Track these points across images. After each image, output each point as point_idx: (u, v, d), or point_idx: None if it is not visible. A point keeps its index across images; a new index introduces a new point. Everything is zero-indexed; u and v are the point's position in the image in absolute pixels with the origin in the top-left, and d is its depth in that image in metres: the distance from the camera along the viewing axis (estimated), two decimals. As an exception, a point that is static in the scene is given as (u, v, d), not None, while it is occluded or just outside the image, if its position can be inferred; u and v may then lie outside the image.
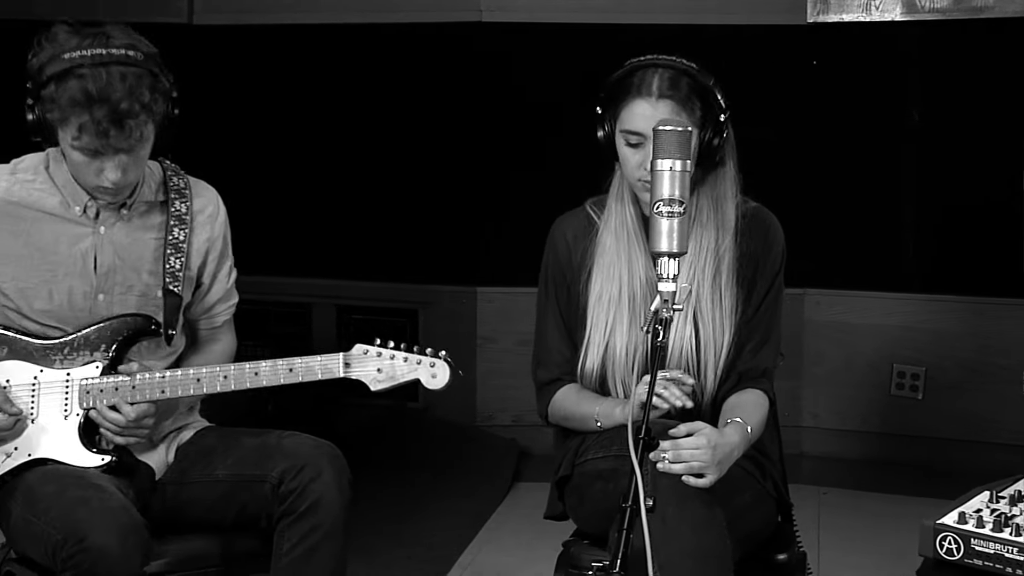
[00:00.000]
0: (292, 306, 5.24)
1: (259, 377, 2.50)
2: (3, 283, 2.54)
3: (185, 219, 2.59)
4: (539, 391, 2.67)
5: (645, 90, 2.46)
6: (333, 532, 2.45)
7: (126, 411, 2.48)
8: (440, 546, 4.01)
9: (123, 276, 2.57)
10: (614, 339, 2.54)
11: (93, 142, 2.37)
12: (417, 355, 2.50)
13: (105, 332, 2.54)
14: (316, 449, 2.52)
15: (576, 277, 2.61)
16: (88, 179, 2.46)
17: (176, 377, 2.51)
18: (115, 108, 2.34)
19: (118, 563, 2.27)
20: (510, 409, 5.01)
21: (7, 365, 2.54)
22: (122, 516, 2.34)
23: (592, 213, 2.64)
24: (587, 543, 2.55)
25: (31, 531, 2.39)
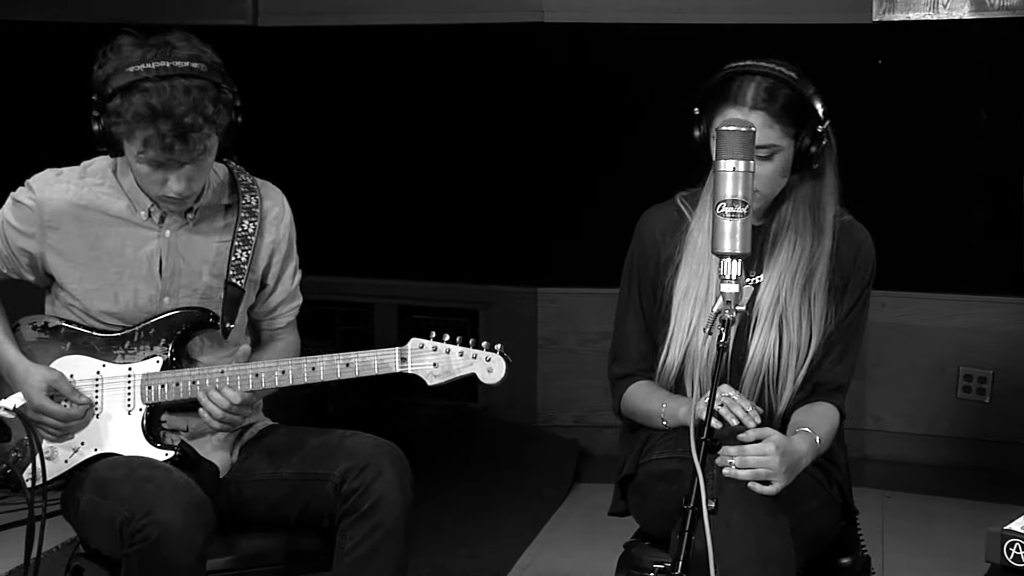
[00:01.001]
0: (355, 306, 5.27)
1: (316, 372, 2.51)
2: (70, 284, 2.57)
3: (256, 212, 2.62)
4: (613, 386, 2.66)
5: (740, 99, 2.44)
6: (394, 532, 2.46)
7: (231, 395, 2.50)
8: (501, 547, 4.02)
9: (187, 279, 2.59)
10: (696, 338, 2.52)
11: (158, 156, 2.40)
12: (473, 349, 2.49)
13: (163, 326, 2.57)
14: (378, 449, 2.53)
15: (662, 272, 2.59)
16: (153, 189, 2.49)
17: (235, 372, 2.53)
18: (179, 123, 2.37)
19: (181, 537, 2.29)
20: (572, 410, 5.00)
21: (71, 360, 2.58)
22: (187, 492, 2.37)
23: (682, 206, 2.61)
24: (648, 544, 2.54)
25: (99, 514, 2.42)
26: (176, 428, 2.61)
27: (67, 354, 2.59)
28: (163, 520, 2.29)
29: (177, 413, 2.61)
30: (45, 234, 2.55)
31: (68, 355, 2.58)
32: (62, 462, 2.54)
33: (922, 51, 4.70)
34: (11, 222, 2.57)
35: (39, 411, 2.50)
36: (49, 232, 2.55)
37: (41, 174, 2.59)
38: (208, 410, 2.51)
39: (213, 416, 2.51)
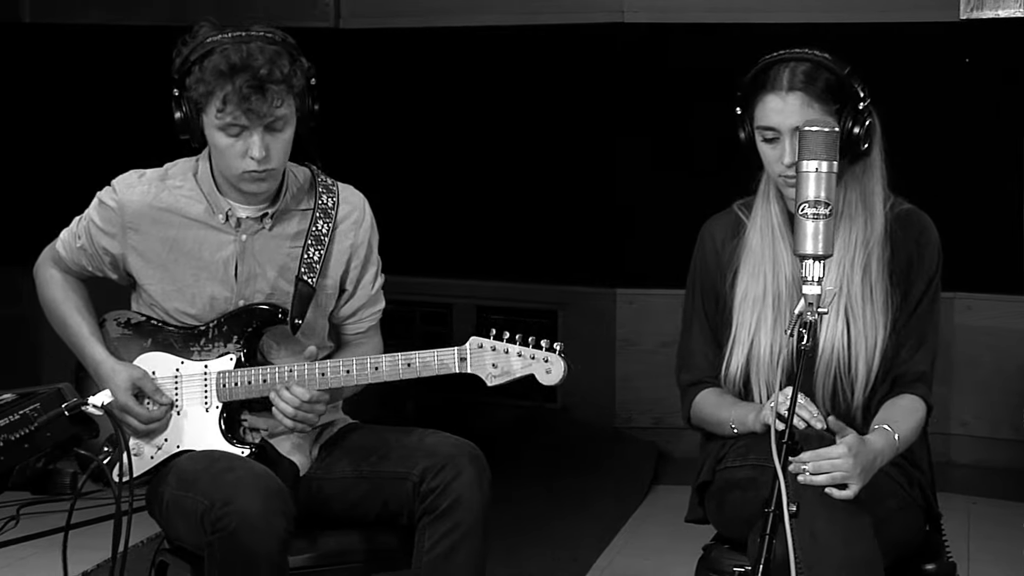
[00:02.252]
0: (434, 306, 5.30)
1: (379, 371, 2.53)
2: (149, 285, 2.61)
3: (331, 213, 2.63)
4: (682, 394, 2.65)
5: (776, 84, 2.43)
6: (473, 531, 2.46)
7: (299, 392, 2.52)
8: (579, 548, 4.01)
9: (262, 283, 2.61)
10: (759, 339, 2.51)
11: (236, 111, 2.43)
12: (532, 349, 2.49)
13: (235, 323, 2.60)
14: (457, 448, 2.54)
15: (723, 278, 2.59)
16: (234, 164, 2.50)
17: (302, 371, 2.55)
18: (256, 74, 2.41)
19: (261, 525, 2.31)
20: (650, 411, 4.98)
21: (152, 356, 2.62)
22: (266, 480, 2.40)
23: (740, 214, 2.61)
24: (728, 547, 2.52)
25: (182, 507, 2.45)
26: (256, 427, 2.64)
27: (148, 350, 2.63)
28: (242, 508, 2.32)
29: (257, 412, 2.63)
30: (126, 235, 2.59)
31: (149, 351, 2.62)
32: (148, 459, 2.59)
33: (1011, 49, 4.61)
34: (95, 221, 2.62)
35: (123, 410, 2.55)
36: (130, 233, 2.59)
37: (124, 175, 2.63)
38: (280, 408, 2.54)
39: (285, 414, 2.54)
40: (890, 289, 2.50)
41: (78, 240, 2.65)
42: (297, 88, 2.48)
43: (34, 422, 2.12)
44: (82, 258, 2.65)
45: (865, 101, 2.44)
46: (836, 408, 2.47)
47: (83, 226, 2.64)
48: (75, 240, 2.65)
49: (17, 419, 2.10)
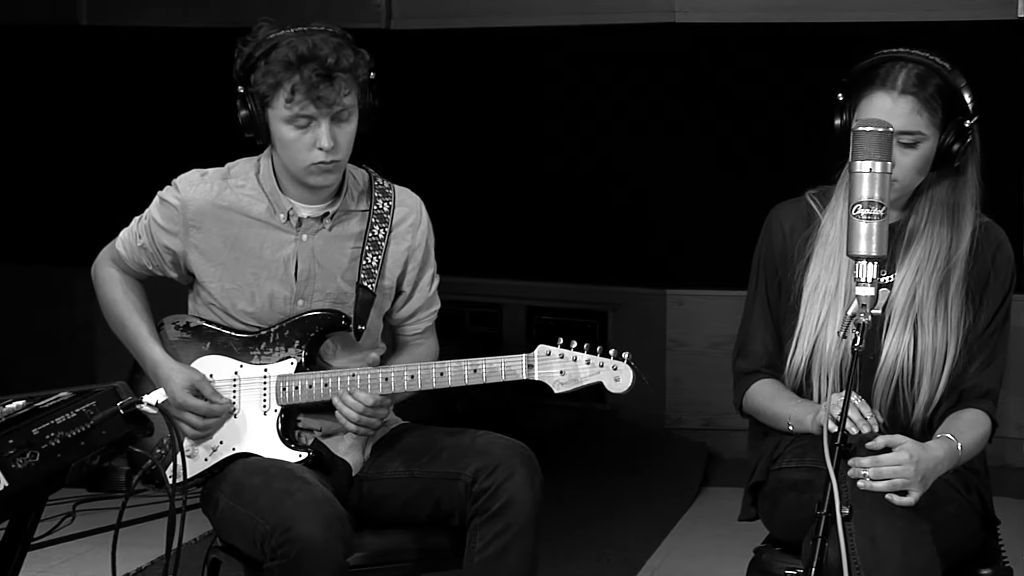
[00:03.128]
0: (484, 306, 5.31)
1: (444, 377, 2.53)
2: (210, 283, 2.63)
3: (387, 218, 2.64)
4: (736, 381, 2.63)
5: (889, 83, 2.38)
6: (525, 532, 2.46)
7: (363, 397, 2.54)
8: (628, 549, 4.00)
9: (321, 283, 2.63)
10: (825, 333, 2.47)
11: (304, 100, 2.45)
12: (600, 358, 2.48)
13: (297, 328, 2.61)
14: (509, 449, 2.54)
15: (791, 267, 2.55)
16: (301, 157, 2.51)
17: (365, 375, 2.55)
18: (324, 62, 2.44)
19: (322, 553, 2.32)
20: (700, 412, 4.97)
21: (211, 360, 2.64)
22: (326, 508, 2.40)
23: (812, 203, 2.57)
24: (780, 550, 2.50)
25: (238, 521, 2.47)
26: (310, 428, 2.65)
27: (207, 354, 2.64)
28: (303, 536, 2.32)
29: (311, 414, 2.65)
30: (188, 233, 2.61)
31: (208, 355, 2.64)
32: (202, 460, 2.60)
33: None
34: (157, 219, 2.64)
35: (181, 407, 2.56)
36: (191, 231, 2.61)
37: (187, 174, 2.66)
38: (343, 413, 2.55)
39: (349, 419, 2.55)
40: (965, 307, 2.46)
41: (139, 239, 2.67)
42: (361, 78, 2.51)
43: (90, 420, 2.14)
44: (142, 257, 2.68)
45: (972, 119, 2.39)
46: (894, 420, 2.44)
47: (144, 225, 2.67)
48: (136, 239, 2.68)
49: (74, 417, 2.12)
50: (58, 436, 2.05)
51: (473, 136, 5.24)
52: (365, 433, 2.61)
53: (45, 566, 3.80)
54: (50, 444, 2.03)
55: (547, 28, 5.05)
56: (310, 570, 2.32)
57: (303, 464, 2.56)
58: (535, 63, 5.12)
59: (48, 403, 2.12)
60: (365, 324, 2.62)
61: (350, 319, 2.61)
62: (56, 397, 2.15)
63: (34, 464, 1.97)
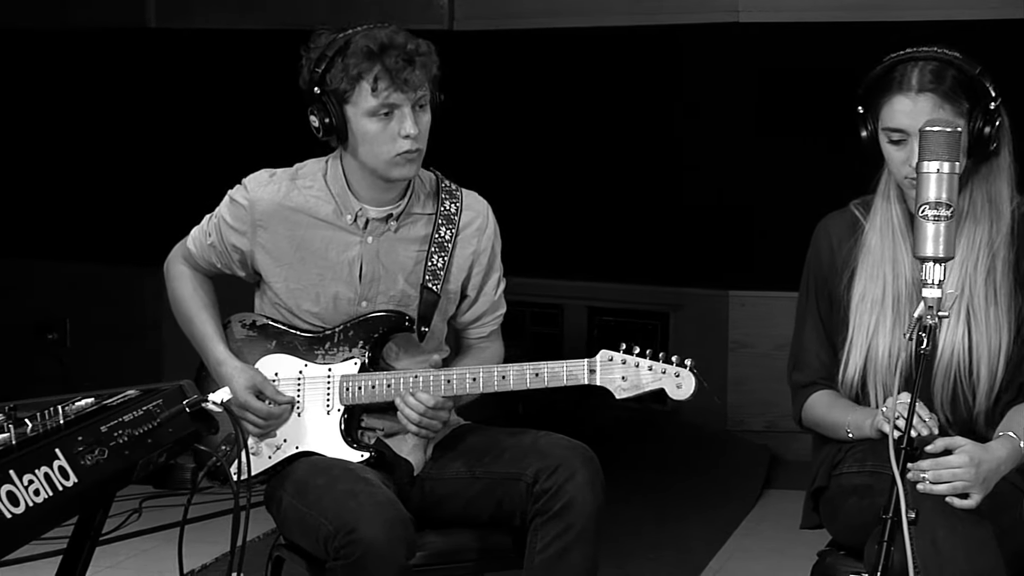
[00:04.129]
0: (545, 307, 5.31)
1: (506, 381, 2.53)
2: (276, 283, 2.66)
3: (454, 220, 2.65)
4: (794, 394, 2.61)
5: (905, 85, 2.37)
6: (585, 533, 2.46)
7: (424, 399, 2.55)
8: (690, 551, 3.99)
9: (385, 285, 2.64)
10: (876, 341, 2.46)
11: (388, 87, 2.47)
12: (663, 364, 2.47)
13: (361, 328, 2.62)
14: (570, 450, 2.53)
15: (839, 278, 2.54)
16: (385, 149, 2.52)
17: (427, 378, 2.56)
18: (404, 48, 2.47)
19: (385, 555, 2.33)
20: (763, 414, 4.94)
21: (276, 359, 2.66)
22: (389, 510, 2.40)
23: (857, 213, 2.56)
24: (844, 554, 2.48)
25: (302, 520, 2.48)
26: (373, 427, 2.67)
27: (272, 352, 2.67)
28: (366, 538, 2.33)
29: (374, 413, 2.66)
30: (255, 232, 2.64)
31: (273, 353, 2.67)
32: (266, 458, 2.63)
33: None
34: (226, 218, 2.67)
35: (244, 407, 2.59)
36: (259, 231, 2.64)
37: (256, 174, 2.68)
38: (405, 414, 2.56)
39: (411, 420, 2.56)
40: (1016, 293, 2.43)
41: (208, 237, 2.70)
42: (432, 70, 2.53)
43: (157, 418, 2.16)
44: (212, 255, 2.71)
45: (996, 100, 2.37)
46: (956, 414, 2.41)
47: (214, 223, 2.69)
48: (206, 237, 2.70)
49: (141, 415, 2.14)
50: (126, 434, 2.07)
51: (535, 136, 5.25)
52: (426, 435, 2.62)
53: (112, 561, 3.85)
54: (118, 441, 2.05)
55: (610, 28, 5.04)
56: (372, 572, 2.33)
57: (365, 464, 2.58)
58: (597, 63, 5.11)
59: (116, 401, 2.15)
60: (428, 326, 2.63)
61: (413, 320, 2.62)
62: (124, 395, 2.18)
63: (102, 461, 1.99)
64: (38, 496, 1.82)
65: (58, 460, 1.90)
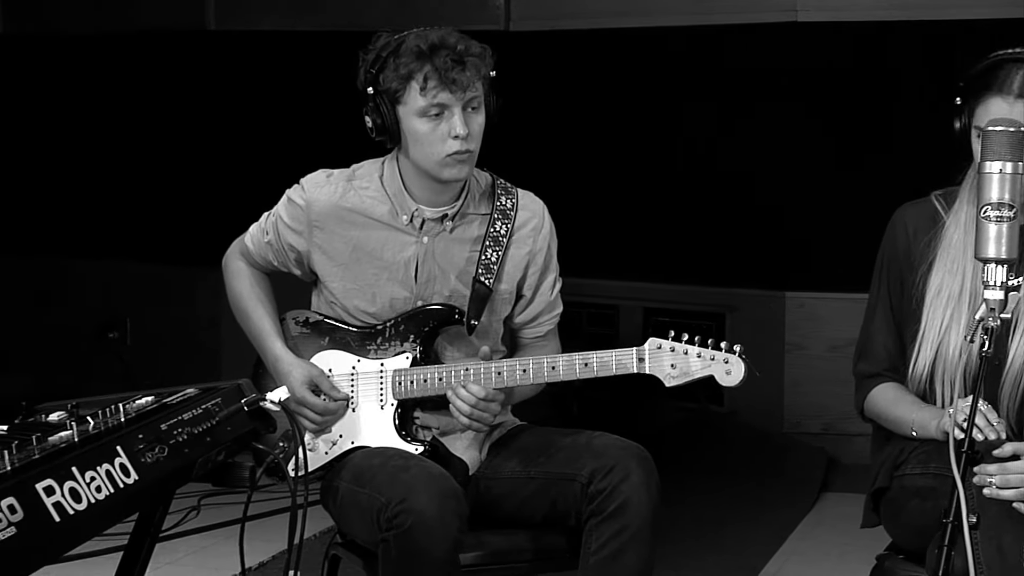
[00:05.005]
0: (601, 308, 5.30)
1: (556, 371, 2.53)
2: (332, 282, 2.67)
3: (509, 214, 2.66)
4: (858, 384, 2.59)
5: (1005, 88, 2.33)
6: (641, 534, 2.45)
7: (475, 390, 2.55)
8: (746, 554, 3.96)
9: (440, 285, 2.65)
10: (948, 337, 2.43)
11: (438, 87, 2.48)
12: (711, 351, 2.46)
13: (412, 322, 2.64)
14: (625, 451, 2.53)
15: (913, 269, 2.51)
16: (435, 150, 2.53)
17: (479, 370, 2.57)
18: (454, 48, 2.48)
19: (435, 525, 2.34)
20: (820, 417, 4.90)
21: (329, 355, 2.68)
22: (441, 482, 2.42)
23: (938, 205, 2.52)
24: (903, 558, 2.45)
25: (357, 502, 2.50)
26: (428, 425, 2.67)
27: (325, 348, 2.68)
28: (417, 508, 2.34)
29: (429, 410, 2.67)
30: (312, 233, 2.66)
31: (326, 350, 2.68)
32: (322, 454, 2.65)
33: None
34: (283, 218, 2.69)
35: (300, 403, 2.61)
36: (315, 231, 2.66)
37: (313, 175, 2.70)
38: (457, 407, 2.56)
39: (461, 412, 2.56)
40: None
41: (266, 235, 2.72)
42: (485, 71, 2.53)
43: (215, 416, 2.18)
44: (268, 253, 2.73)
45: None
46: (1023, 424, 2.37)
47: (271, 222, 2.72)
48: (263, 235, 2.73)
49: (200, 413, 2.16)
50: (185, 432, 2.09)
51: (591, 137, 5.24)
52: (478, 428, 2.62)
53: (171, 558, 3.89)
54: (177, 439, 2.07)
55: (667, 28, 5.02)
56: (423, 542, 2.33)
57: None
58: (654, 63, 5.09)
59: (176, 399, 2.17)
60: (479, 319, 2.63)
61: (463, 313, 2.62)
62: (183, 394, 2.20)
63: (162, 459, 2.01)
64: (100, 493, 1.84)
65: (119, 457, 1.92)
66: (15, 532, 1.66)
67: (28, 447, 1.87)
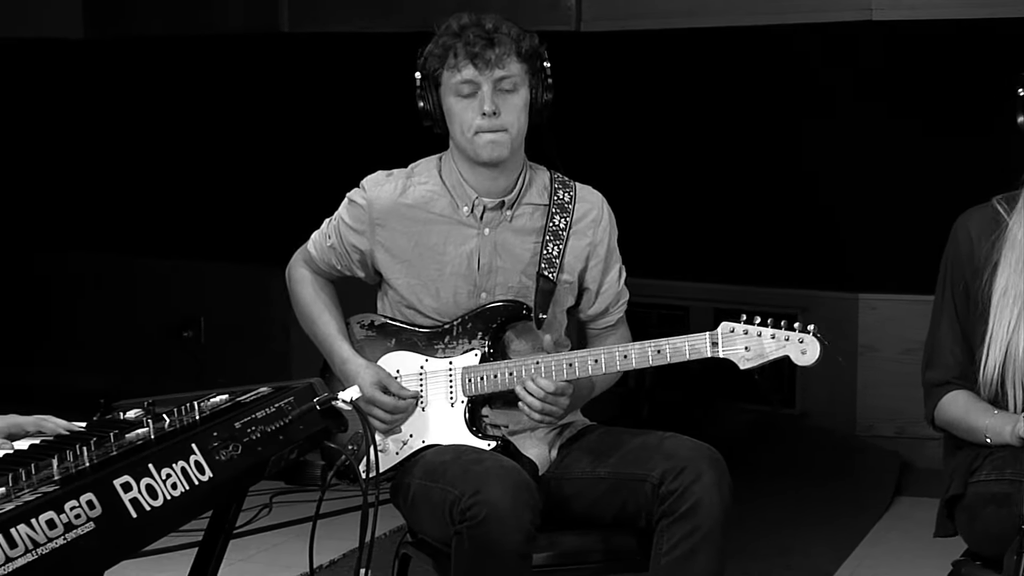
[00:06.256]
0: (671, 308, 5.27)
1: (628, 360, 2.52)
2: (396, 280, 2.69)
3: (567, 208, 2.67)
4: (927, 393, 2.56)
5: None
6: (713, 535, 2.43)
7: (544, 384, 2.55)
8: (817, 559, 3.93)
9: (503, 276, 2.66)
10: (1017, 337, 2.39)
11: (465, 61, 2.53)
12: (785, 331, 2.45)
13: (480, 320, 2.65)
14: (697, 451, 2.52)
15: (978, 274, 2.48)
16: (467, 125, 2.57)
17: (549, 362, 2.57)
18: (484, 27, 2.54)
19: (509, 516, 2.34)
20: (894, 420, 4.84)
21: (397, 356, 2.70)
22: (514, 474, 2.42)
23: (1000, 208, 2.49)
24: (980, 564, 2.42)
25: (430, 497, 2.51)
26: (497, 424, 2.68)
27: (392, 350, 2.70)
28: (491, 500, 2.34)
29: (498, 408, 2.68)
30: (374, 231, 2.68)
31: (393, 351, 2.70)
32: (393, 454, 2.66)
33: None
34: (345, 219, 2.72)
35: (370, 402, 2.62)
36: (377, 229, 2.68)
37: (373, 175, 2.73)
38: (526, 401, 2.56)
39: (531, 407, 2.56)
40: None
41: (328, 240, 2.75)
42: (525, 53, 2.56)
43: (288, 415, 2.19)
44: (332, 257, 2.75)
45: None
46: None
47: (333, 226, 2.75)
48: (325, 240, 2.76)
49: (273, 412, 2.17)
50: (258, 430, 2.10)
51: (662, 137, 5.21)
52: (548, 422, 2.61)
53: (244, 555, 3.93)
54: (251, 437, 2.08)
55: (740, 28, 4.98)
56: (497, 534, 2.34)
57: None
58: (727, 63, 5.06)
59: (249, 398, 2.18)
60: (546, 312, 2.64)
61: (531, 308, 2.63)
62: (256, 392, 2.22)
63: (236, 456, 2.03)
64: (175, 490, 1.86)
65: (194, 455, 1.93)
66: (94, 527, 1.68)
67: (106, 444, 1.90)
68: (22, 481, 1.74)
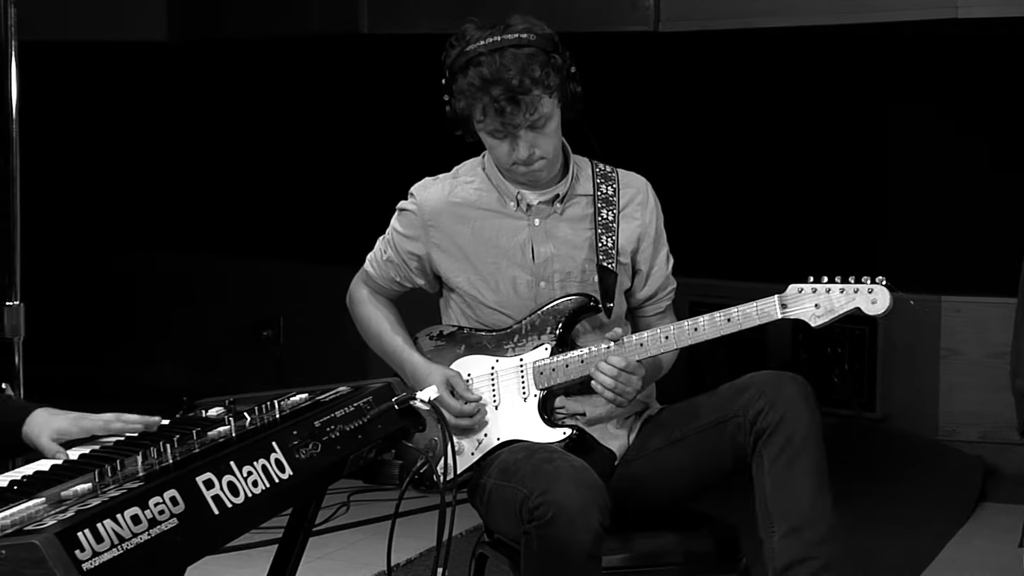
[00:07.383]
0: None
1: (699, 331, 2.54)
2: (455, 278, 2.72)
3: (612, 200, 2.69)
4: (1018, 402, 2.51)
5: None
6: (808, 441, 2.45)
7: (615, 361, 2.56)
8: (897, 563, 3.87)
9: (560, 264, 2.68)
10: None
11: (494, 122, 2.54)
12: (854, 284, 2.44)
13: (548, 315, 2.66)
14: (772, 375, 2.54)
15: None
16: (504, 160, 2.61)
17: (620, 346, 2.57)
18: (508, 86, 2.51)
19: (577, 516, 2.33)
20: (977, 424, 4.76)
21: (467, 360, 2.72)
22: (583, 473, 2.42)
23: None
24: (1066, 574, 2.37)
25: (503, 496, 2.52)
26: (574, 413, 2.69)
27: (462, 356, 2.72)
28: (559, 499, 2.34)
29: (573, 397, 2.68)
30: (428, 234, 2.71)
31: (463, 356, 2.72)
32: (468, 455, 2.67)
33: None
34: (398, 229, 2.76)
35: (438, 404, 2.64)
36: (431, 231, 2.71)
37: (419, 182, 2.79)
38: (599, 381, 2.57)
39: (604, 386, 2.57)
40: None
41: (384, 254, 2.79)
42: (553, 86, 2.55)
43: (367, 414, 2.21)
44: (391, 270, 2.79)
45: None
46: None
47: (388, 240, 2.80)
48: (381, 255, 2.80)
49: (352, 411, 2.19)
50: (337, 429, 2.12)
51: (741, 138, 5.18)
52: (621, 403, 2.61)
53: (322, 553, 3.96)
54: (330, 436, 2.10)
55: (820, 28, 4.93)
56: (565, 533, 2.33)
57: (566, 443, 2.60)
58: (807, 63, 5.01)
59: (328, 397, 2.20)
60: (613, 300, 2.66)
61: (598, 300, 2.64)
62: (335, 391, 2.24)
63: (316, 455, 2.05)
64: (256, 487, 1.88)
65: (275, 453, 1.96)
66: (177, 523, 1.71)
67: (189, 441, 1.93)
68: (108, 477, 1.78)
